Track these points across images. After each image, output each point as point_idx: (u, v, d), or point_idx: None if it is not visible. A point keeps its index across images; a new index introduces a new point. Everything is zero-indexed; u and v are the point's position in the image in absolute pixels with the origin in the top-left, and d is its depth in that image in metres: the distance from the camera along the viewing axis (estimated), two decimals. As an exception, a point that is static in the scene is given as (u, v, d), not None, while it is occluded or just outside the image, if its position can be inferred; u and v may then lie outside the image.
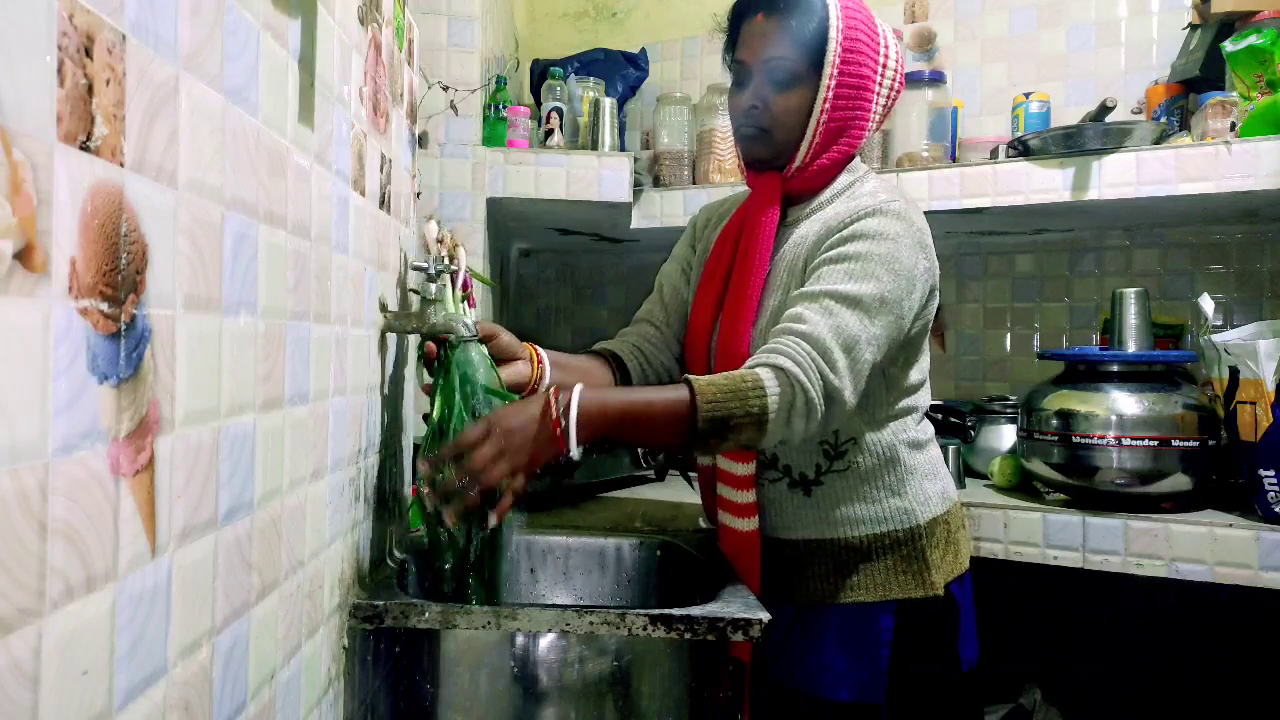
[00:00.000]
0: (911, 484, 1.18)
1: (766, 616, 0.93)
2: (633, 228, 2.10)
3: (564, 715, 0.98)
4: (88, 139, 0.43)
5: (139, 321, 0.48)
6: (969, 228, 2.11)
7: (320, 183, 0.82)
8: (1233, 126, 1.62)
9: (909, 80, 1.77)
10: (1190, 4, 1.97)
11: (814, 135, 1.15)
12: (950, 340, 2.32)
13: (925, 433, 1.23)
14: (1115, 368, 1.61)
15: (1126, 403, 1.55)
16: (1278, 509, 1.44)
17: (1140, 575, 1.50)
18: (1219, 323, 2.00)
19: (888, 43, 1.18)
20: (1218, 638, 1.92)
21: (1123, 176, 1.65)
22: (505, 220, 2.20)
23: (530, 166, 1.94)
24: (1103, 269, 2.18)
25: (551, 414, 0.95)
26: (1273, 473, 1.44)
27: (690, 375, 1.02)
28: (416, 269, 1.16)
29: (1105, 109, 1.74)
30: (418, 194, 1.47)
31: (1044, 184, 1.72)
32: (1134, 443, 1.52)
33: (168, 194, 0.52)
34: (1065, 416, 1.59)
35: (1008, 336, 2.28)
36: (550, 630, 0.93)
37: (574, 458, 0.96)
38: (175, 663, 0.54)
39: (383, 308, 1.09)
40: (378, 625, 0.94)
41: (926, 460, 1.21)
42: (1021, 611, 2.05)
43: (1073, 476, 1.59)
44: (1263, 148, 1.55)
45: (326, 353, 0.85)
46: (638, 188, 2.04)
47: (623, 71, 2.34)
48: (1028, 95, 2.01)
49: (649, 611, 0.92)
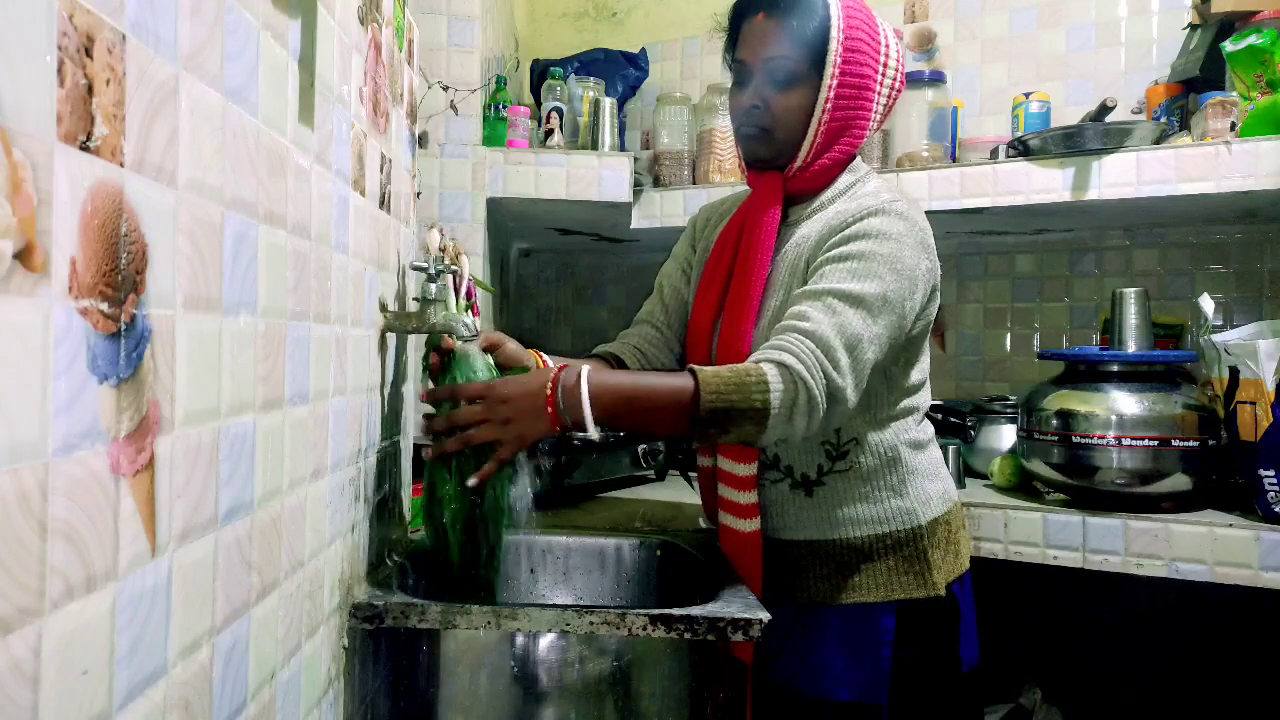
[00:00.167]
0: (913, 484, 1.18)
1: (766, 616, 0.93)
2: (633, 228, 2.10)
3: (564, 715, 0.98)
4: (88, 139, 0.43)
5: (139, 321, 0.48)
6: (969, 228, 2.11)
7: (320, 183, 0.82)
8: (1233, 126, 1.62)
9: (909, 80, 1.77)
10: (1190, 4, 1.97)
11: (815, 135, 1.15)
12: (950, 340, 2.32)
13: (926, 433, 1.23)
14: (1115, 368, 1.61)
15: (1126, 403, 1.55)
16: (1278, 509, 1.44)
17: (1140, 575, 1.50)
18: (1219, 323, 2.00)
19: (888, 42, 1.18)
20: (1218, 638, 1.92)
21: (1123, 176, 1.65)
22: (505, 220, 2.20)
23: (530, 166, 1.94)
24: (1103, 269, 2.18)
25: (547, 390, 0.96)
26: (1273, 473, 1.44)
27: (694, 365, 1.02)
28: (416, 269, 1.16)
29: (1105, 109, 1.74)
30: (418, 194, 1.47)
31: (1044, 184, 1.72)
32: (1134, 443, 1.52)
33: (168, 194, 0.52)
34: (1065, 416, 1.59)
35: (1008, 336, 2.28)
36: (550, 630, 0.93)
37: (593, 436, 0.98)
38: (175, 663, 0.54)
39: (383, 308, 1.09)
40: (378, 625, 0.94)
41: (928, 460, 1.21)
42: (1021, 611, 2.05)
43: (1073, 476, 1.59)
44: (1263, 148, 1.55)
45: (326, 353, 0.85)
46: (638, 188, 2.04)
47: (623, 71, 2.34)
48: (1028, 95, 2.01)
49: (649, 611, 0.92)
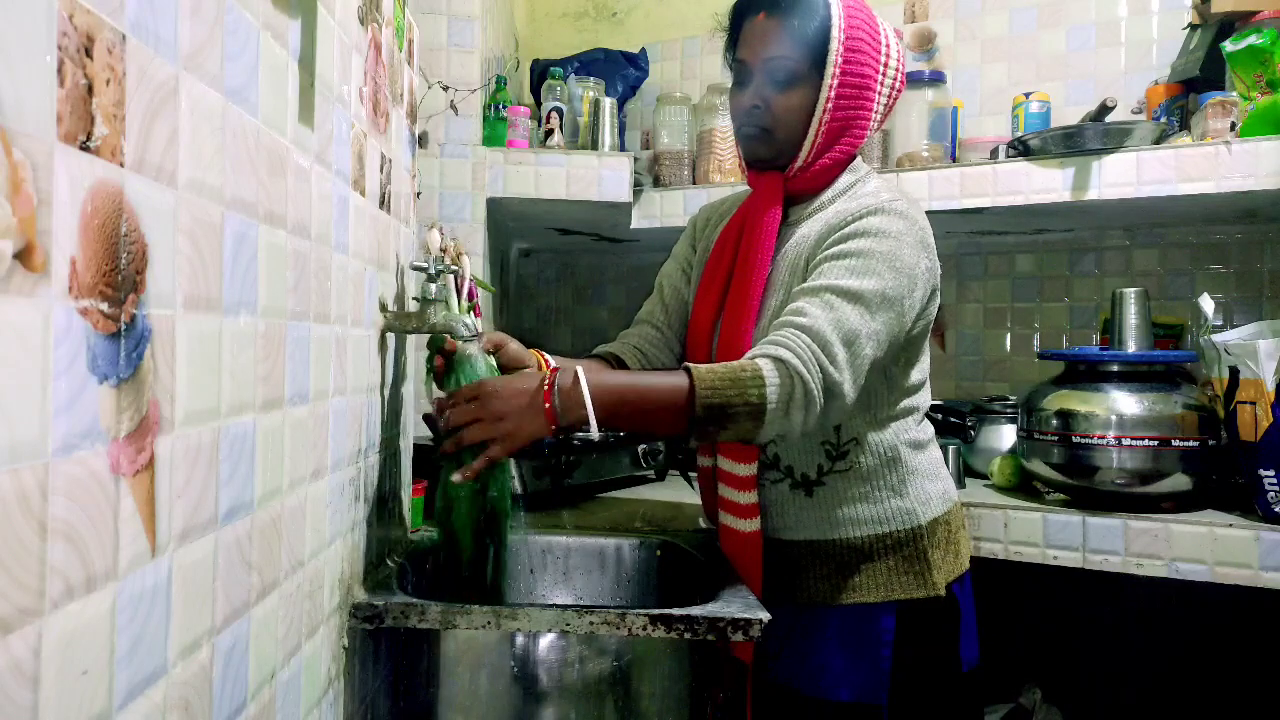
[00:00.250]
0: (913, 484, 1.18)
1: (766, 616, 0.93)
2: (633, 228, 2.10)
3: (564, 715, 0.98)
4: (88, 139, 0.43)
5: (139, 321, 0.48)
6: (969, 228, 2.11)
7: (320, 183, 0.82)
8: (1233, 126, 1.62)
9: (909, 80, 1.76)
10: (1190, 4, 1.97)
11: (816, 135, 1.15)
12: (950, 340, 2.32)
13: (926, 433, 1.23)
14: (1115, 368, 1.61)
15: (1126, 403, 1.55)
16: (1278, 509, 1.44)
17: (1140, 575, 1.50)
18: (1219, 323, 2.00)
19: (889, 42, 1.18)
20: (1218, 638, 1.92)
21: (1123, 176, 1.65)
22: (505, 220, 2.20)
23: (530, 166, 1.94)
24: (1103, 269, 2.18)
25: (543, 390, 0.96)
26: (1273, 473, 1.44)
27: (689, 363, 1.02)
28: (416, 269, 1.16)
29: (1105, 109, 1.74)
30: (418, 194, 1.47)
31: (1044, 184, 1.72)
32: (1134, 443, 1.52)
33: (168, 194, 0.52)
34: (1065, 416, 1.59)
35: (1008, 336, 2.28)
36: (550, 630, 0.93)
37: (594, 435, 0.98)
38: (175, 663, 0.54)
39: (383, 308, 1.09)
40: (378, 625, 0.94)
41: (928, 460, 1.21)
42: (1021, 611, 2.05)
43: (1073, 476, 1.59)
44: (1263, 148, 1.55)
45: (326, 353, 0.85)
46: (638, 188, 2.04)
47: (623, 71, 2.34)
48: (1028, 95, 2.01)
49: (649, 611, 0.92)
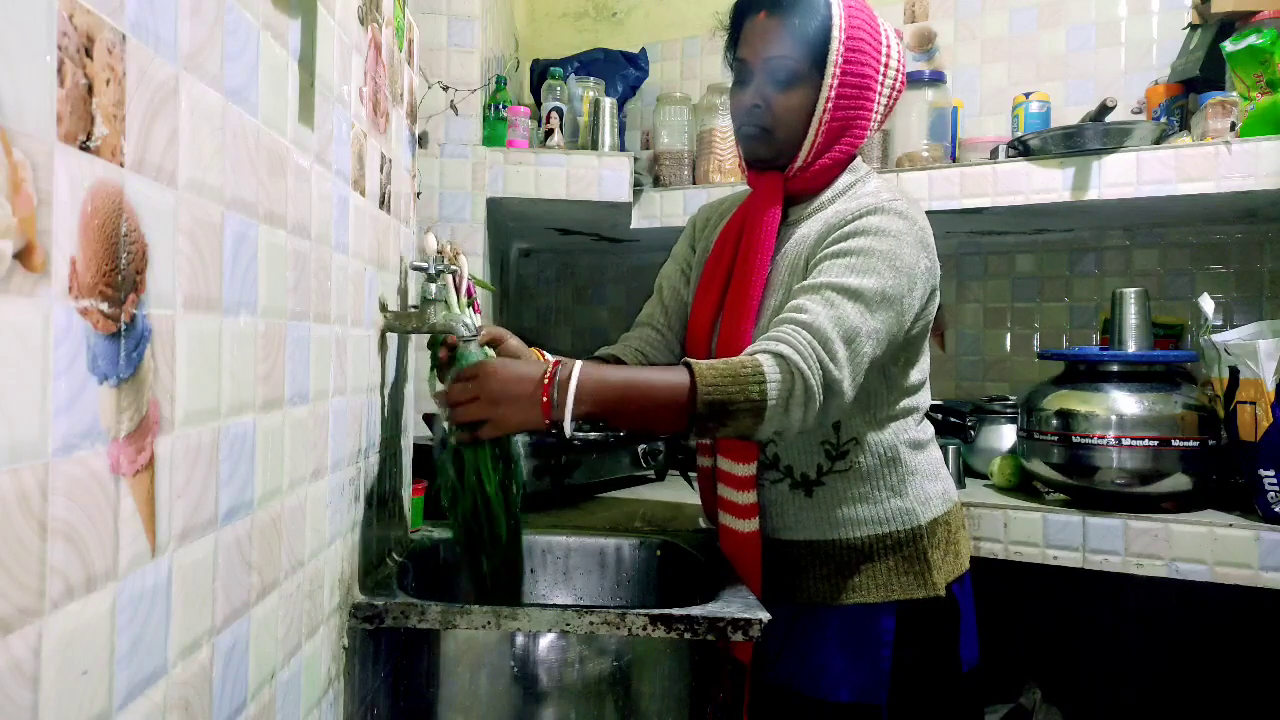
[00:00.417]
0: (913, 484, 1.18)
1: (766, 616, 0.93)
2: (633, 228, 2.10)
3: (564, 715, 0.98)
4: (88, 139, 0.43)
5: (139, 321, 0.48)
6: (969, 227, 2.11)
7: (320, 183, 0.82)
8: (1233, 126, 1.62)
9: (909, 80, 1.76)
10: (1190, 4, 1.97)
11: (816, 134, 1.15)
12: (950, 340, 2.32)
13: (926, 433, 1.23)
14: (1115, 368, 1.61)
15: (1126, 403, 1.55)
16: (1278, 509, 1.44)
17: (1140, 575, 1.50)
18: (1219, 323, 2.00)
19: (890, 42, 1.18)
20: (1218, 638, 1.92)
21: (1123, 176, 1.65)
22: (505, 220, 2.20)
23: (530, 166, 1.94)
24: (1103, 269, 2.18)
25: (544, 381, 0.95)
26: (1273, 473, 1.44)
27: (690, 359, 1.01)
28: (416, 269, 1.16)
29: (1105, 109, 1.74)
30: (418, 194, 1.47)
31: (1044, 184, 1.72)
32: (1134, 443, 1.52)
33: (168, 194, 0.52)
34: (1065, 416, 1.59)
35: (1008, 336, 2.28)
36: (550, 630, 0.93)
37: (567, 432, 0.95)
38: (175, 663, 0.54)
39: (383, 308, 1.09)
40: (378, 625, 0.94)
41: (927, 460, 1.21)
42: (1021, 611, 2.05)
43: (1073, 476, 1.59)
44: (1263, 148, 1.55)
45: (326, 353, 0.85)
46: (638, 188, 2.04)
47: (623, 71, 2.34)
48: (1028, 95, 2.01)
49: (649, 611, 0.92)
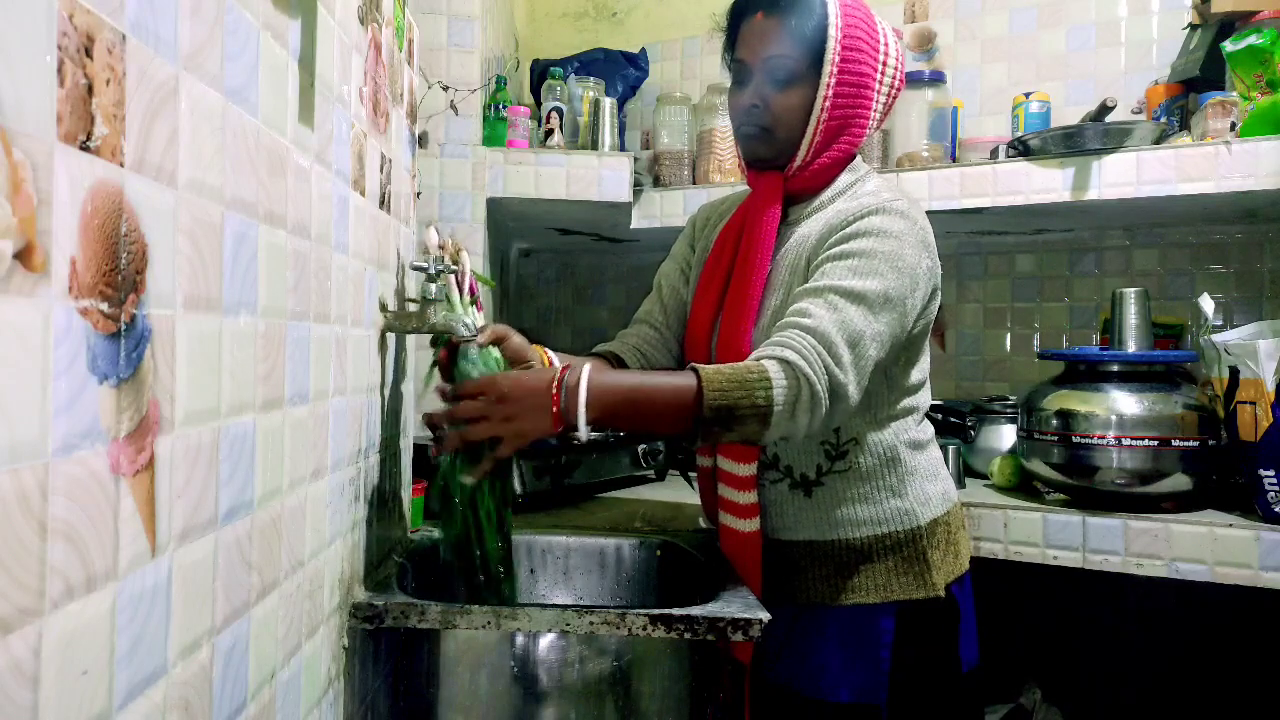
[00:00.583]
0: (912, 485, 1.18)
1: (766, 616, 0.93)
2: (633, 228, 2.10)
3: (564, 715, 0.98)
4: (88, 139, 0.43)
5: (139, 321, 0.48)
6: (969, 228, 2.11)
7: (320, 183, 0.82)
8: (1233, 126, 1.62)
9: (909, 80, 1.77)
10: (1190, 4, 1.97)
11: (814, 133, 1.15)
12: (950, 340, 2.32)
13: (926, 433, 1.23)
14: (1115, 368, 1.61)
15: (1126, 403, 1.55)
16: (1278, 509, 1.44)
17: (1140, 575, 1.50)
18: (1219, 323, 2.00)
19: (887, 41, 1.18)
20: (1218, 638, 1.92)
21: (1123, 176, 1.65)
22: (505, 220, 2.20)
23: (530, 166, 1.94)
24: (1103, 269, 2.18)
25: (552, 390, 0.96)
26: (1273, 473, 1.44)
27: (696, 364, 1.01)
28: (416, 269, 1.16)
29: (1105, 109, 1.74)
30: (418, 194, 1.47)
31: (1044, 184, 1.72)
32: (1134, 443, 1.52)
33: (168, 194, 0.52)
34: (1065, 416, 1.59)
35: (1008, 336, 2.28)
36: (550, 630, 0.93)
37: (581, 437, 0.96)
38: (175, 663, 0.54)
39: (383, 308, 1.09)
40: (378, 625, 0.94)
41: (927, 461, 1.21)
42: (1021, 611, 2.05)
43: (1073, 476, 1.59)
44: (1263, 148, 1.55)
45: (326, 353, 0.85)
46: (638, 188, 2.04)
47: (623, 71, 2.34)
48: (1028, 95, 2.01)
49: (649, 611, 0.92)
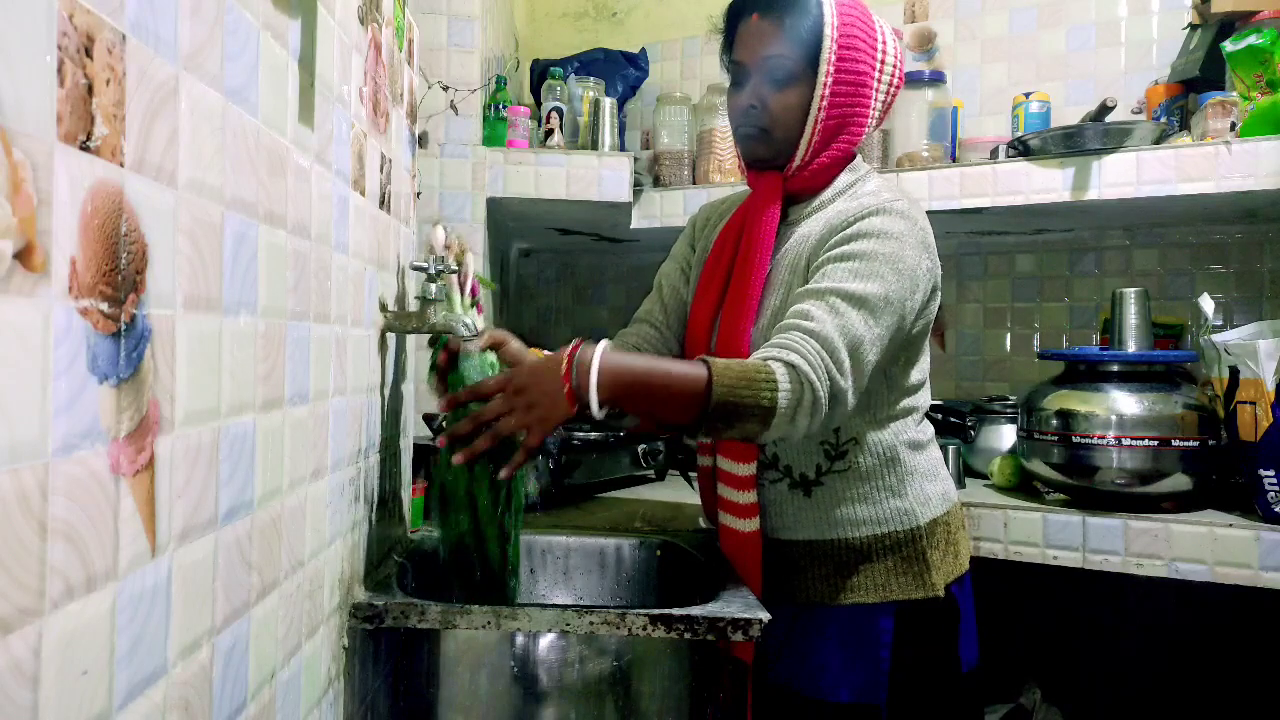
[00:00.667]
0: (912, 485, 1.18)
1: (766, 616, 0.93)
2: (633, 228, 2.10)
3: (564, 715, 0.98)
4: (88, 139, 0.43)
5: (139, 321, 0.48)
6: (969, 228, 2.11)
7: (320, 183, 0.82)
8: (1233, 126, 1.62)
9: (909, 80, 1.77)
10: (1190, 4, 1.97)
11: (813, 133, 1.15)
12: (950, 340, 2.32)
13: (925, 433, 1.23)
14: (1115, 368, 1.61)
15: (1126, 403, 1.55)
16: (1278, 509, 1.44)
17: (1140, 575, 1.50)
18: (1219, 323, 2.00)
19: (885, 39, 1.18)
20: (1218, 638, 1.92)
21: (1123, 176, 1.65)
22: (505, 220, 2.20)
23: (530, 166, 1.94)
24: (1103, 269, 2.18)
25: (563, 371, 0.97)
26: (1273, 473, 1.44)
27: (706, 356, 1.01)
28: (416, 269, 1.16)
29: (1105, 109, 1.74)
30: (418, 194, 1.47)
31: (1044, 184, 1.72)
32: (1134, 443, 1.52)
33: (168, 194, 0.52)
34: (1065, 416, 1.59)
35: (1008, 336, 2.28)
36: (550, 630, 0.93)
37: (596, 417, 0.97)
38: (175, 663, 0.54)
39: (383, 308, 1.09)
40: (378, 625, 0.94)
41: (927, 461, 1.21)
42: (1021, 611, 2.05)
43: (1073, 476, 1.59)
44: (1263, 148, 1.55)
45: (326, 353, 0.85)
46: (638, 188, 2.04)
47: (623, 71, 2.34)
48: (1028, 95, 2.01)
49: (649, 611, 0.92)
